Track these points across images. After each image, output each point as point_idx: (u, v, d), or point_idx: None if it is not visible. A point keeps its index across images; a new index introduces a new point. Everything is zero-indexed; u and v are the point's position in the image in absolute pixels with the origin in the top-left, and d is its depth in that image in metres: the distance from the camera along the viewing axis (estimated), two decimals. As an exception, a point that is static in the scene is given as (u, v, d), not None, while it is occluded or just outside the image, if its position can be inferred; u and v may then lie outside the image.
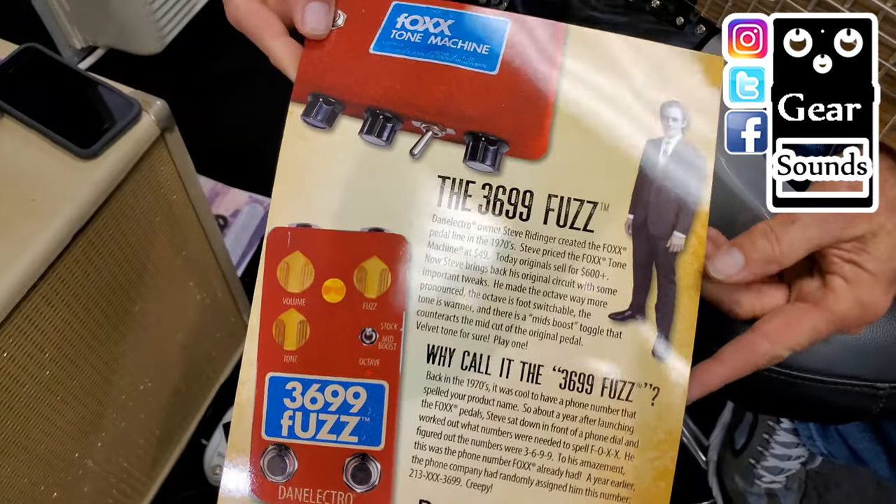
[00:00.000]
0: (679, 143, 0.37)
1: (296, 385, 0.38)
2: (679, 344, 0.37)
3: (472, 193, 0.37)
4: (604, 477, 0.37)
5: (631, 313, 0.37)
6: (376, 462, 0.38)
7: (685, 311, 0.37)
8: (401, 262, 0.37)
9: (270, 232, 0.38)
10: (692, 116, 0.38)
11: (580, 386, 0.37)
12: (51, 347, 0.60)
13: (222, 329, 0.94)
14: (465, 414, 0.37)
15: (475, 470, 0.37)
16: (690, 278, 0.37)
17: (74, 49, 1.15)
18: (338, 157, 0.38)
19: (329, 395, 0.38)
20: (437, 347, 0.37)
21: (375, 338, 0.38)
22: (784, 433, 0.80)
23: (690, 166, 0.37)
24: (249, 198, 1.24)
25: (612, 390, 0.37)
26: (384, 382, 0.38)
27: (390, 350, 0.38)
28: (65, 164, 0.59)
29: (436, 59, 0.38)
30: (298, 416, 0.38)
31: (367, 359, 0.38)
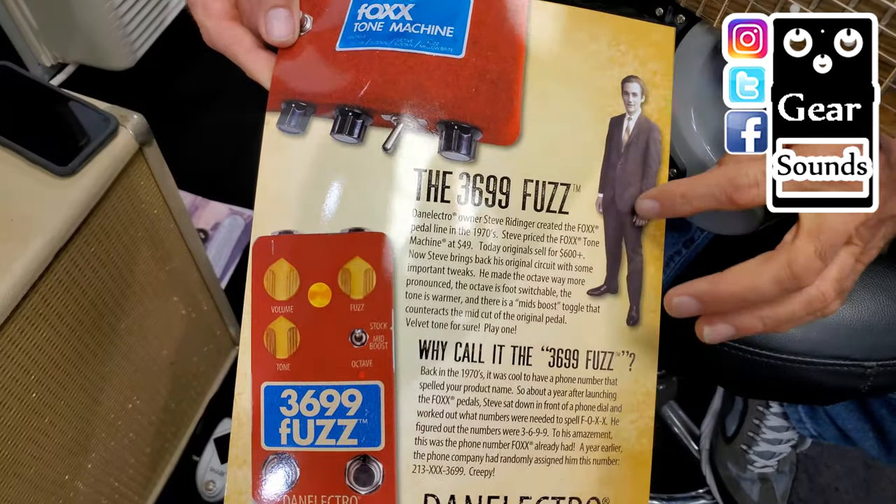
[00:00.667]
0: (639, 118, 0.38)
1: (291, 393, 0.38)
2: (648, 311, 0.39)
3: (450, 184, 0.37)
4: (595, 444, 0.39)
5: (606, 288, 0.39)
6: (378, 462, 0.38)
7: (651, 280, 0.39)
8: (384, 260, 0.37)
9: (255, 242, 0.38)
10: (650, 90, 0.39)
11: (567, 362, 0.38)
12: (36, 369, 0.59)
13: (209, 343, 0.93)
14: (462, 404, 0.38)
15: (476, 457, 0.38)
16: (655, 249, 0.39)
17: (44, 66, 1.13)
18: (313, 160, 0.37)
19: (324, 399, 0.38)
20: (429, 342, 0.38)
21: (366, 339, 0.38)
22: (774, 417, 0.81)
23: (650, 140, 0.39)
24: (229, 210, 1.23)
25: (596, 362, 0.39)
26: (379, 382, 0.38)
27: (382, 350, 0.38)
28: (43, 182, 0.58)
29: (400, 48, 0.38)
30: (296, 424, 0.38)
31: (359, 360, 0.38)
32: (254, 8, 0.38)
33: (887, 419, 0.63)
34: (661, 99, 0.39)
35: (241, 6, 0.39)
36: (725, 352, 0.50)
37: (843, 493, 0.98)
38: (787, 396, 0.63)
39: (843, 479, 0.99)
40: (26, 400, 0.59)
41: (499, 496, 0.38)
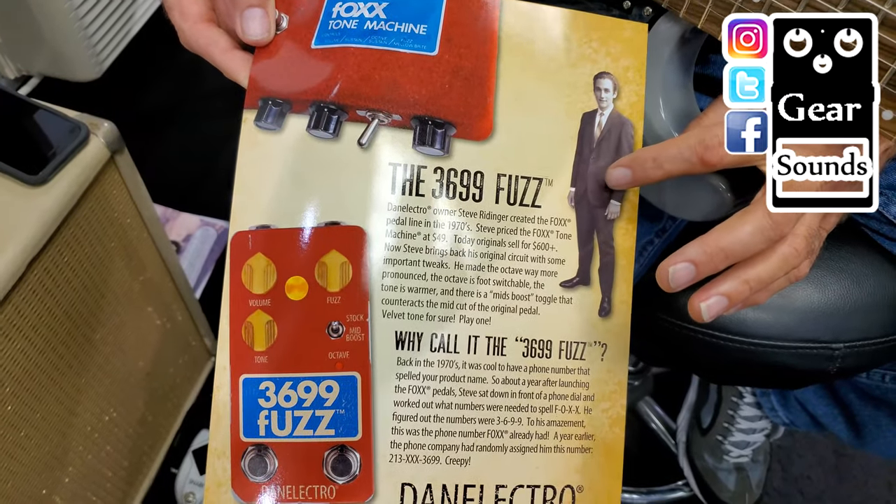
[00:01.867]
0: (612, 113, 0.39)
1: (269, 385, 0.38)
2: (619, 302, 0.40)
3: (424, 178, 0.38)
4: (568, 433, 0.40)
5: (578, 280, 0.40)
6: (355, 452, 0.38)
7: (623, 272, 0.40)
8: (360, 253, 0.38)
9: (233, 237, 0.38)
10: (622, 86, 0.40)
11: (540, 352, 0.39)
12: (11, 381, 0.58)
13: (185, 354, 0.92)
14: (438, 394, 0.38)
15: (452, 446, 0.39)
16: (627, 242, 0.40)
17: (7, 79, 1.12)
18: (289, 155, 0.38)
19: (302, 391, 0.38)
20: (405, 333, 0.38)
21: (342, 331, 0.38)
22: (747, 407, 0.83)
23: (622, 135, 0.40)
24: (201, 221, 1.22)
25: (568, 352, 0.40)
26: (356, 373, 0.38)
27: (358, 341, 0.38)
28: (13, 192, 0.57)
29: (374, 45, 0.38)
30: (274, 415, 0.38)
31: (336, 352, 0.38)
32: (229, 8, 0.38)
33: (855, 403, 0.65)
34: (633, 94, 0.40)
35: (217, 7, 0.40)
36: (699, 339, 0.51)
37: (816, 482, 1.00)
38: (760, 381, 0.64)
39: (815, 467, 1.01)
40: (2, 413, 0.58)
41: (475, 484, 0.39)
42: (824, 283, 0.49)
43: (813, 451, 1.02)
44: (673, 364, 0.56)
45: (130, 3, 1.14)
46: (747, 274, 0.36)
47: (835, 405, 0.67)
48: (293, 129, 0.38)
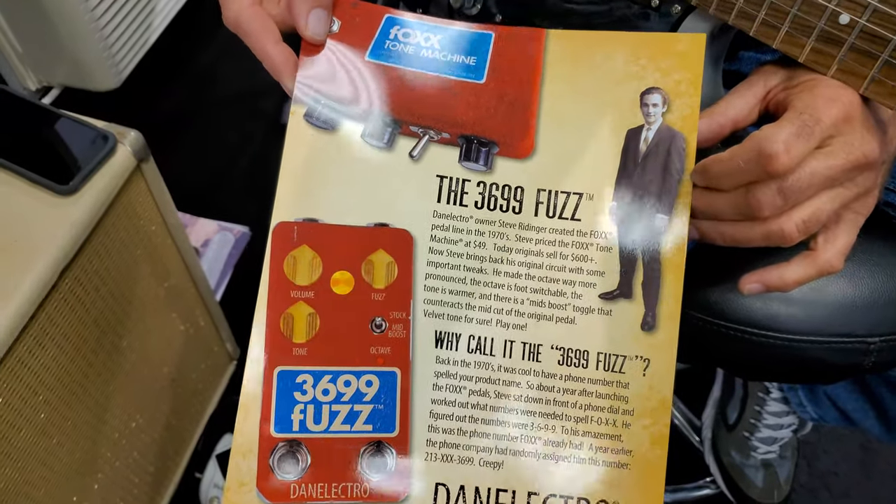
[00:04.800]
0: (660, 127, 0.40)
1: (306, 378, 0.38)
2: (665, 317, 0.40)
3: (468, 191, 0.40)
4: (604, 446, 0.39)
5: (619, 292, 0.40)
6: (391, 448, 0.38)
7: (670, 287, 0.40)
8: (406, 255, 0.40)
9: (276, 226, 0.39)
10: (672, 99, 0.40)
11: (577, 361, 0.40)
12: (44, 389, 0.59)
13: (207, 359, 0.93)
14: (474, 394, 0.39)
15: (486, 448, 0.39)
16: (676, 257, 0.40)
17: (29, 91, 1.13)
18: (342, 156, 0.40)
19: (341, 385, 0.39)
20: (445, 333, 0.39)
21: (385, 326, 0.39)
22: (774, 403, 0.82)
23: (672, 149, 0.40)
24: (218, 226, 1.23)
25: (607, 364, 0.40)
26: (396, 369, 0.39)
27: (400, 338, 0.39)
28: (45, 202, 0.58)
29: (429, 71, 0.41)
30: (310, 409, 0.38)
31: (378, 347, 0.39)
32: (295, 2, 0.39)
33: (887, 397, 0.64)
34: (686, 107, 0.40)
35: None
36: (729, 335, 0.51)
37: (843, 477, 0.99)
38: (792, 377, 0.64)
39: (842, 462, 1.00)
40: (35, 421, 0.59)
41: (507, 489, 0.39)
42: (857, 276, 0.49)
43: (839, 446, 1.01)
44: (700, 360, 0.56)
45: (149, 12, 1.15)
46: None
47: (865, 400, 0.67)
48: (347, 132, 0.40)
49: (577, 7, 0.44)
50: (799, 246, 0.39)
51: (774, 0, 0.35)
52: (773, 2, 0.35)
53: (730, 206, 0.38)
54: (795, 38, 0.36)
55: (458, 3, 0.50)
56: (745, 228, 0.38)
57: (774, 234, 0.37)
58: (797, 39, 0.36)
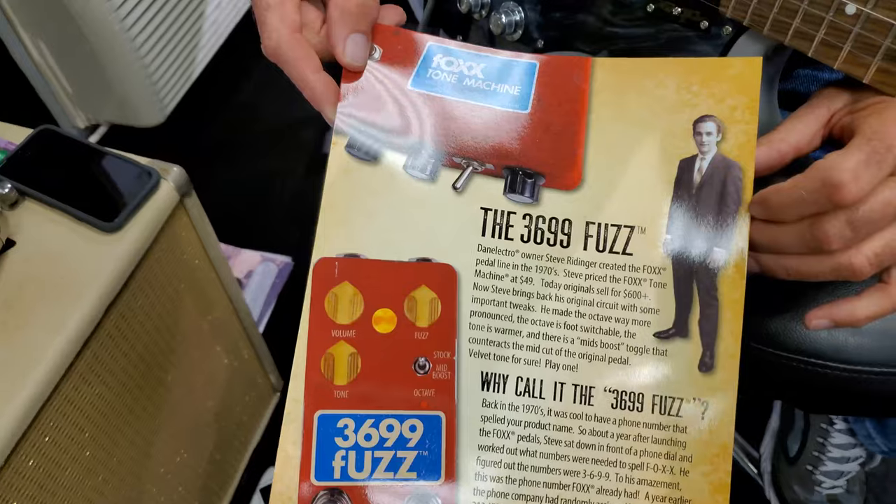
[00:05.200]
0: (715, 157, 0.38)
1: (348, 422, 0.37)
2: (724, 357, 0.37)
3: (513, 223, 0.39)
4: (661, 494, 0.37)
5: (675, 331, 0.37)
6: (437, 498, 0.36)
7: (729, 325, 0.37)
8: (450, 291, 0.38)
9: (317, 262, 0.38)
10: (727, 126, 0.38)
11: (631, 405, 0.37)
12: (90, 426, 0.59)
13: (251, 391, 0.93)
14: (522, 440, 0.37)
15: (536, 497, 0.37)
16: (734, 292, 0.37)
17: (78, 129, 1.16)
18: (384, 189, 0.39)
19: (384, 430, 0.37)
20: (491, 374, 0.37)
21: (429, 367, 0.37)
22: (839, 434, 0.78)
23: (728, 179, 0.38)
24: (261, 257, 1.24)
25: (662, 407, 0.37)
26: (441, 413, 0.37)
27: (445, 379, 0.37)
28: (90, 239, 0.58)
29: (472, 100, 0.40)
30: (352, 456, 0.37)
31: (421, 389, 0.37)
32: (333, 28, 0.38)
33: (962, 430, 0.60)
34: (743, 134, 0.38)
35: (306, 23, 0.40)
36: (793, 366, 0.48)
37: (913, 512, 0.94)
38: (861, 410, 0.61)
39: (911, 496, 0.95)
40: (81, 458, 0.59)
41: None
42: (931, 304, 0.46)
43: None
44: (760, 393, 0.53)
45: (192, 48, 1.18)
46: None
47: (938, 432, 0.63)
48: (390, 163, 0.39)
49: (620, 31, 0.43)
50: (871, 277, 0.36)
51: (834, 19, 0.33)
52: (834, 20, 0.33)
53: (794, 238, 0.35)
54: (859, 57, 0.34)
55: (498, 29, 0.49)
56: (812, 262, 0.36)
57: (844, 268, 0.34)
58: (861, 59, 0.33)
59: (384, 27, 0.40)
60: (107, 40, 1.00)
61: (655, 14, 0.41)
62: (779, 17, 0.35)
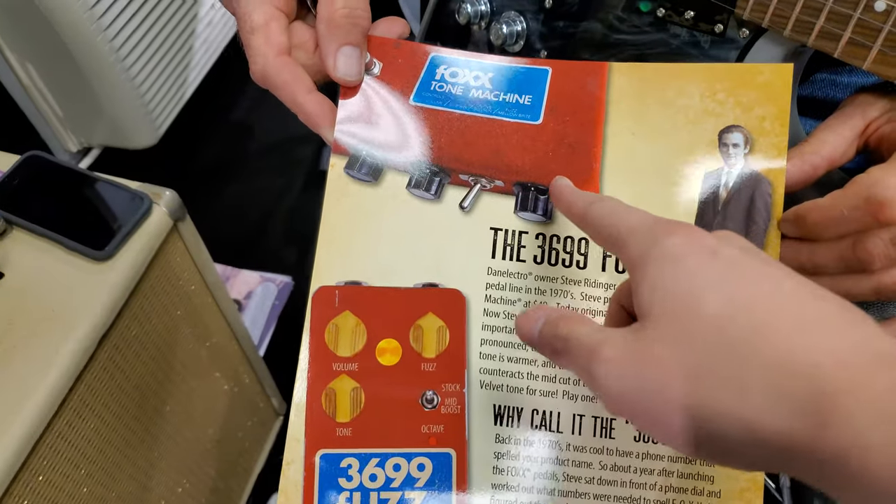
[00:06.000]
0: (742, 170, 0.35)
1: (352, 462, 0.34)
2: None
3: (525, 244, 0.36)
4: None
5: None
6: None
7: None
8: (459, 318, 0.35)
9: (316, 291, 0.35)
10: (756, 138, 0.35)
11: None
12: (86, 462, 0.57)
13: (253, 416, 0.90)
14: (539, 478, 0.35)
15: None
16: None
17: (70, 152, 1.14)
18: (386, 211, 0.36)
19: (391, 469, 0.34)
20: (504, 407, 0.35)
21: (437, 401, 0.35)
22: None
23: (756, 195, 0.35)
24: (261, 277, 1.22)
25: None
26: (451, 450, 0.35)
27: (454, 414, 0.35)
28: (81, 269, 0.56)
29: (479, 113, 0.37)
30: (357, 498, 0.34)
31: (430, 425, 0.35)
32: (322, 43, 0.36)
33: None
34: (773, 147, 0.35)
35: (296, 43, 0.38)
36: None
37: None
38: None
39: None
40: (78, 496, 0.56)
41: None
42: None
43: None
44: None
45: (183, 68, 1.16)
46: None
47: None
48: (391, 184, 0.36)
49: (629, 38, 0.41)
50: None
51: (863, 16, 0.31)
52: (862, 18, 0.31)
53: (832, 257, 0.33)
54: (891, 56, 0.31)
55: (499, 40, 0.48)
56: (852, 282, 0.33)
57: (887, 288, 0.32)
58: (893, 58, 0.31)
59: (384, 40, 0.38)
60: (96, 62, 0.98)
61: (666, 19, 0.39)
62: (802, 17, 0.33)
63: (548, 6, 0.45)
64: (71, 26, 0.94)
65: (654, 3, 0.39)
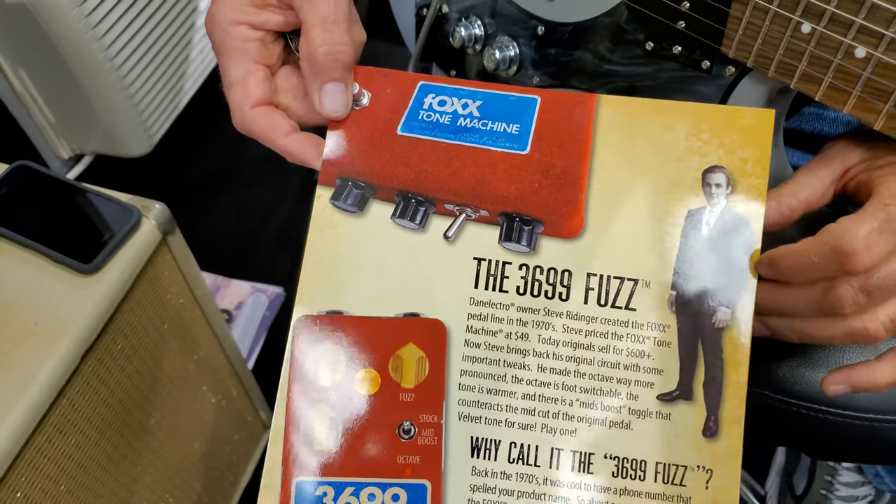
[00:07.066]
0: (723, 210, 0.36)
1: (327, 490, 0.35)
2: (729, 422, 0.35)
3: (508, 275, 0.36)
4: None
5: (679, 393, 0.35)
6: None
7: (734, 387, 0.35)
8: (439, 349, 0.36)
9: (297, 320, 0.36)
10: (738, 179, 0.36)
11: (633, 473, 0.35)
12: (66, 479, 0.56)
13: (240, 430, 0.90)
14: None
15: None
16: (738, 353, 0.35)
17: (62, 159, 1.14)
18: (370, 241, 0.37)
19: (365, 498, 0.35)
20: (482, 440, 0.35)
21: (414, 432, 0.35)
22: (847, 473, 0.76)
23: (736, 235, 0.35)
24: (252, 288, 1.21)
25: (666, 475, 0.35)
26: (426, 482, 0.35)
27: (431, 445, 0.35)
28: (66, 282, 0.56)
29: (466, 142, 0.38)
30: None
31: (406, 456, 0.35)
32: (306, 83, 0.37)
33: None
34: (753, 189, 0.36)
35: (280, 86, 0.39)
36: (802, 414, 0.46)
37: (923, 547, 0.91)
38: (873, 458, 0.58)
39: (920, 530, 0.92)
40: (57, 513, 0.56)
41: None
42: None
43: (916, 514, 0.93)
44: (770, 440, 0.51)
45: (179, 77, 1.16)
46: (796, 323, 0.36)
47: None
48: (376, 215, 0.37)
49: (619, 69, 0.41)
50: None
51: (843, 62, 0.31)
52: (842, 64, 0.31)
53: (805, 301, 0.34)
54: (870, 103, 0.32)
55: (492, 65, 0.48)
56: (825, 326, 0.34)
57: (858, 332, 0.33)
58: (872, 105, 0.32)
59: (373, 70, 0.39)
60: (91, 70, 0.98)
61: (655, 52, 0.39)
62: (784, 59, 0.34)
63: (540, 33, 0.45)
64: (66, 34, 0.94)
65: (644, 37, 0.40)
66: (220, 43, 0.38)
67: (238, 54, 0.38)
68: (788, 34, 0.33)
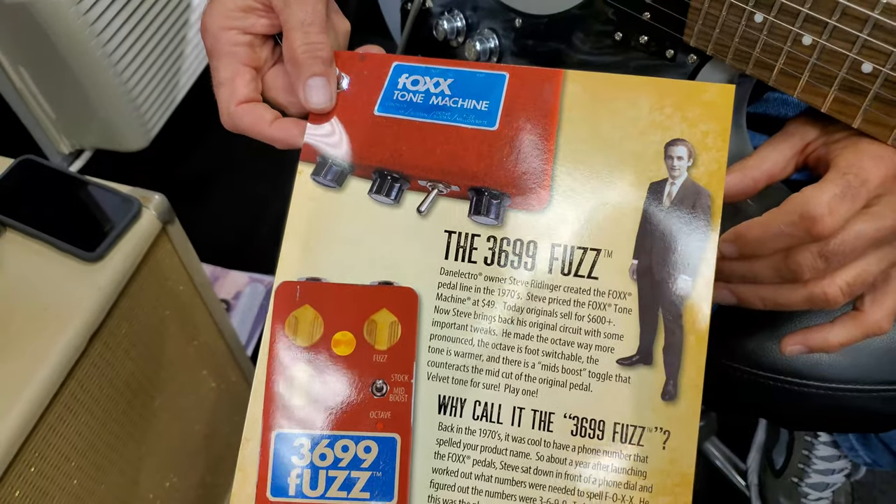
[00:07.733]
0: (685, 182, 0.37)
1: (304, 441, 0.37)
2: (687, 387, 0.37)
3: (477, 246, 0.38)
4: None
5: (638, 358, 0.37)
6: None
7: (693, 354, 0.37)
8: (411, 314, 0.38)
9: (279, 286, 0.38)
10: (699, 152, 0.37)
11: (591, 432, 0.37)
12: (76, 455, 0.59)
13: (239, 413, 0.92)
14: (478, 465, 0.37)
15: None
16: (698, 321, 0.37)
17: (62, 154, 1.16)
18: (347, 215, 0.39)
19: (339, 450, 0.37)
20: (448, 398, 0.38)
21: (386, 390, 0.38)
22: (824, 447, 0.79)
23: (697, 207, 0.37)
24: (249, 278, 1.24)
25: (624, 435, 0.37)
26: (396, 435, 0.37)
27: (401, 402, 0.38)
28: (72, 269, 0.58)
29: (438, 120, 0.40)
30: (307, 474, 0.37)
31: (378, 411, 0.38)
32: (292, 80, 0.40)
33: (942, 439, 0.61)
34: (713, 161, 0.37)
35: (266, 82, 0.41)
36: (772, 385, 0.49)
37: (901, 519, 0.94)
38: (839, 427, 0.61)
39: (900, 503, 0.95)
40: (68, 488, 0.59)
41: None
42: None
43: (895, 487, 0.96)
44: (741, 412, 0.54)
45: (175, 71, 1.18)
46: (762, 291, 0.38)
47: (919, 442, 0.63)
48: (354, 190, 0.39)
49: (591, 59, 0.43)
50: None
51: (792, 49, 0.34)
52: (791, 51, 0.34)
53: (768, 269, 0.36)
54: (817, 87, 0.34)
55: (473, 56, 0.50)
56: (786, 292, 0.37)
57: (817, 297, 0.35)
58: (819, 89, 0.34)
59: (351, 54, 0.41)
60: (89, 65, 1.00)
61: (623, 42, 0.42)
62: (740, 47, 0.36)
63: (518, 25, 0.47)
64: (64, 31, 0.96)
65: (613, 27, 0.42)
66: (211, 48, 0.40)
67: (227, 57, 0.40)
68: (743, 23, 0.35)
